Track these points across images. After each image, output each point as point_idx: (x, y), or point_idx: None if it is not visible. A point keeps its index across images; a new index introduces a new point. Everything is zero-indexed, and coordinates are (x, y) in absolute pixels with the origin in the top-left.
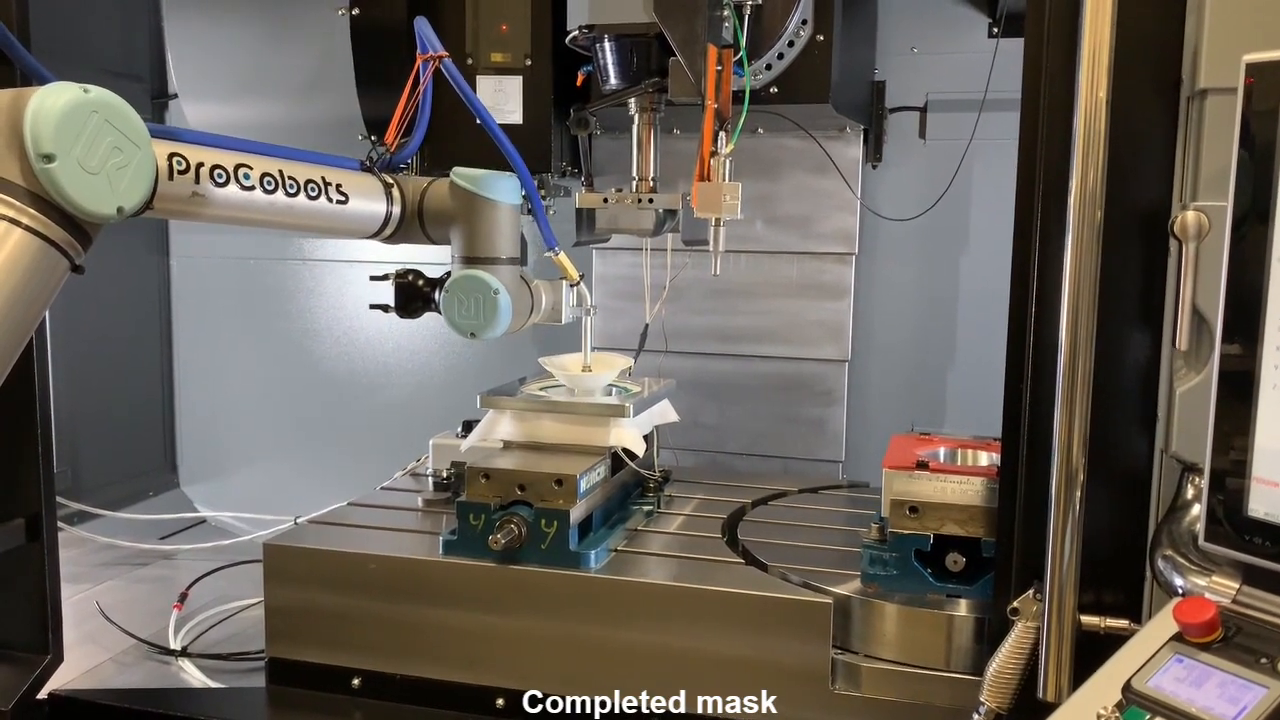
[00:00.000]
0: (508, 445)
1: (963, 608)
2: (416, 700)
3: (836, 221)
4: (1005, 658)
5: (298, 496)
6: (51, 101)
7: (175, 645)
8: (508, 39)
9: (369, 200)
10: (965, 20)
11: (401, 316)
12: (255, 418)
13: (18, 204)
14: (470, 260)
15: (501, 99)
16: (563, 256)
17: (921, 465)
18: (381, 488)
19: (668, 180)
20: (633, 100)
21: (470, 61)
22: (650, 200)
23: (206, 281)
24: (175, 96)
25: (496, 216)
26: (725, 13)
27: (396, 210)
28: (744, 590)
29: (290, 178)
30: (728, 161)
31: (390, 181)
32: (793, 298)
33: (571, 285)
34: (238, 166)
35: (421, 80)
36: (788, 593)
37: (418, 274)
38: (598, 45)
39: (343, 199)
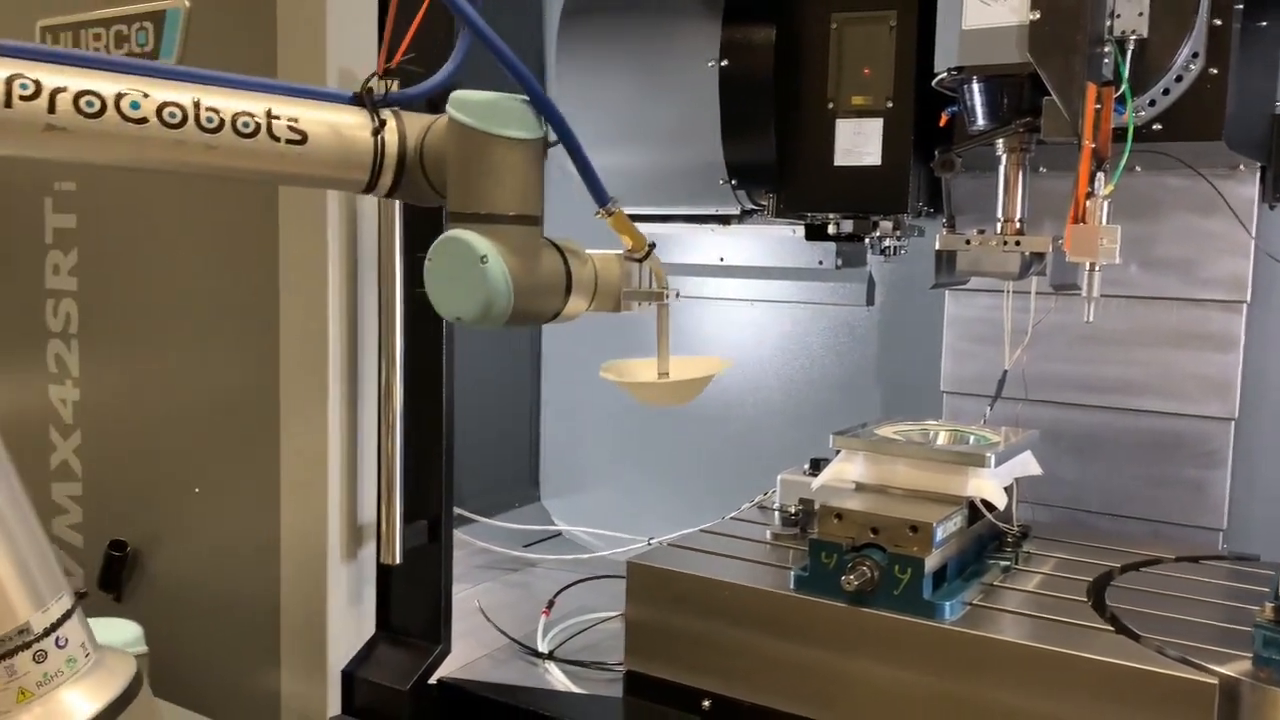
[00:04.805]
0: (859, 487)
1: None
2: None
3: (1225, 266)
4: None
5: (641, 517)
6: None
7: (543, 648)
8: (870, 82)
9: (344, 143)
10: None
11: None
12: (606, 441)
13: None
14: (459, 217)
15: (860, 141)
16: (620, 216)
17: None
18: (730, 517)
19: (1032, 220)
20: (1000, 140)
21: (831, 105)
22: (1017, 243)
23: None
24: (556, 144)
25: (498, 157)
26: (1106, 48)
27: (391, 158)
28: (1114, 660)
29: (209, 109)
30: (1105, 203)
31: (383, 119)
32: (1170, 347)
33: (636, 259)
34: (120, 96)
35: None
36: (1165, 667)
37: None
38: (966, 86)
39: (298, 138)
